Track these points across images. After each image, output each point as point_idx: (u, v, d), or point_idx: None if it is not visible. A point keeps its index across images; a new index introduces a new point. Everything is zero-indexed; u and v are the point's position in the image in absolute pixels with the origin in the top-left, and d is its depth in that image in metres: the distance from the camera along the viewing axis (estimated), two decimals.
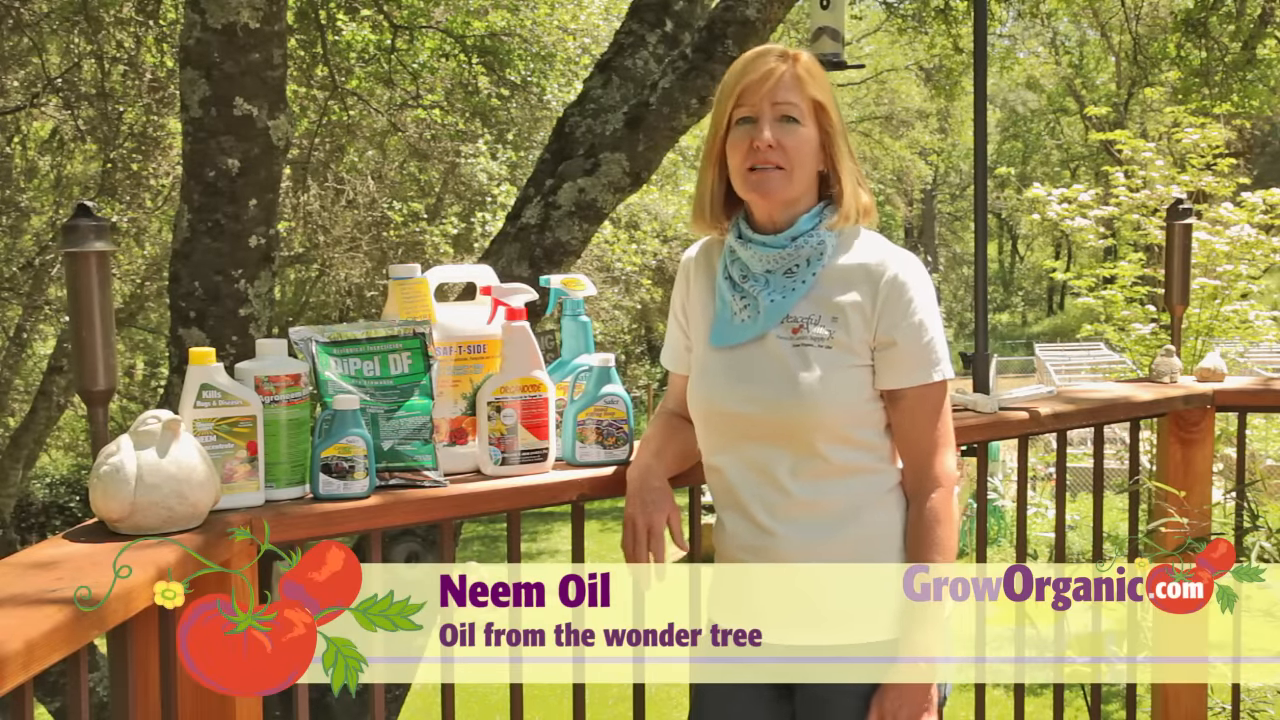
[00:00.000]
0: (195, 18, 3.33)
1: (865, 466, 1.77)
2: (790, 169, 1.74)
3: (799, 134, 1.74)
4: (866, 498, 1.76)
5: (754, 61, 1.76)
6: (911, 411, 1.76)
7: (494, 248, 3.98)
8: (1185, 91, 11.54)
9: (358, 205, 10.76)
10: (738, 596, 1.80)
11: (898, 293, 1.74)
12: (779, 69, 1.75)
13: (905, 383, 1.75)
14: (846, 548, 1.75)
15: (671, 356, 1.94)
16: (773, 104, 1.74)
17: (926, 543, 1.75)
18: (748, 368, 1.76)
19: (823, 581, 1.74)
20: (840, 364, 1.73)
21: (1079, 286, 6.68)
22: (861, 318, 1.74)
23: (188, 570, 1.54)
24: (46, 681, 4.47)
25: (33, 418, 10.09)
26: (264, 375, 1.74)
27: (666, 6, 4.21)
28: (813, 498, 1.74)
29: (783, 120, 1.74)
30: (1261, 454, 9.44)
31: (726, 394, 1.77)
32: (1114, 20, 22.36)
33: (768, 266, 1.77)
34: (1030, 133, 33.12)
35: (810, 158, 1.76)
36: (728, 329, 1.79)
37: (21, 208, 9.42)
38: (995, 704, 2.78)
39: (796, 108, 1.74)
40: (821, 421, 1.72)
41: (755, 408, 1.74)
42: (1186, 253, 2.93)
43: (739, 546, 1.79)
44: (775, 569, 1.76)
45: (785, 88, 1.74)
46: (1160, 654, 2.85)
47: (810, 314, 1.75)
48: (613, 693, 7.33)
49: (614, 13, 10.90)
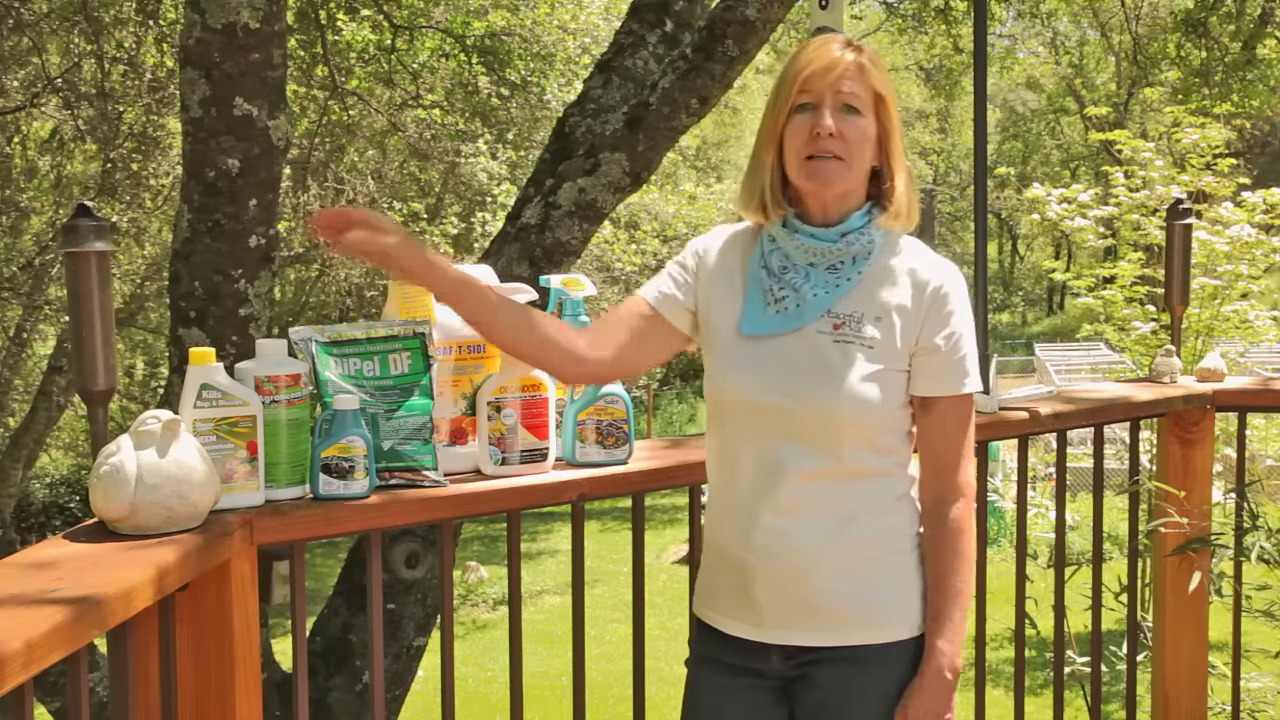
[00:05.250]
0: (195, 18, 3.33)
1: (881, 471, 1.75)
2: (849, 160, 1.71)
3: (859, 125, 1.71)
4: (876, 502, 1.75)
5: (820, 48, 1.73)
6: (942, 420, 1.75)
7: (494, 248, 3.98)
8: (1185, 91, 11.54)
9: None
10: (738, 595, 1.78)
11: (943, 301, 1.74)
12: (844, 58, 1.71)
13: (941, 390, 1.74)
14: (853, 550, 1.73)
15: (656, 294, 1.83)
16: (835, 92, 1.70)
17: (952, 551, 1.75)
18: (785, 360, 1.72)
19: (828, 583, 1.73)
20: (880, 367, 1.71)
21: (1079, 286, 6.68)
22: (905, 321, 1.73)
23: (188, 570, 1.54)
24: (46, 681, 4.47)
25: (33, 418, 10.10)
26: (264, 375, 1.74)
27: (666, 6, 4.21)
28: (824, 499, 1.72)
29: (844, 110, 1.71)
30: (1261, 454, 9.44)
31: (761, 386, 1.72)
32: (1114, 20, 22.37)
33: (811, 259, 1.74)
34: (1030, 133, 33.12)
35: (868, 150, 1.73)
36: (761, 318, 1.75)
37: (21, 208, 9.42)
38: (995, 704, 2.78)
39: (859, 98, 1.71)
40: (856, 421, 1.70)
41: (792, 402, 1.70)
42: (1186, 253, 2.93)
43: (741, 545, 1.76)
44: (780, 569, 1.73)
45: (850, 77, 1.71)
46: (1160, 654, 2.85)
47: (854, 311, 1.73)
48: (613, 693, 7.33)
49: (614, 13, 10.90)
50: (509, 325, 1.74)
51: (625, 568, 10.38)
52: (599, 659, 6.54)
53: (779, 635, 1.76)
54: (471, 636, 10.73)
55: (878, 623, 1.75)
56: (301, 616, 1.81)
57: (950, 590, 1.74)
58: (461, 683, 8.78)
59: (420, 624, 3.88)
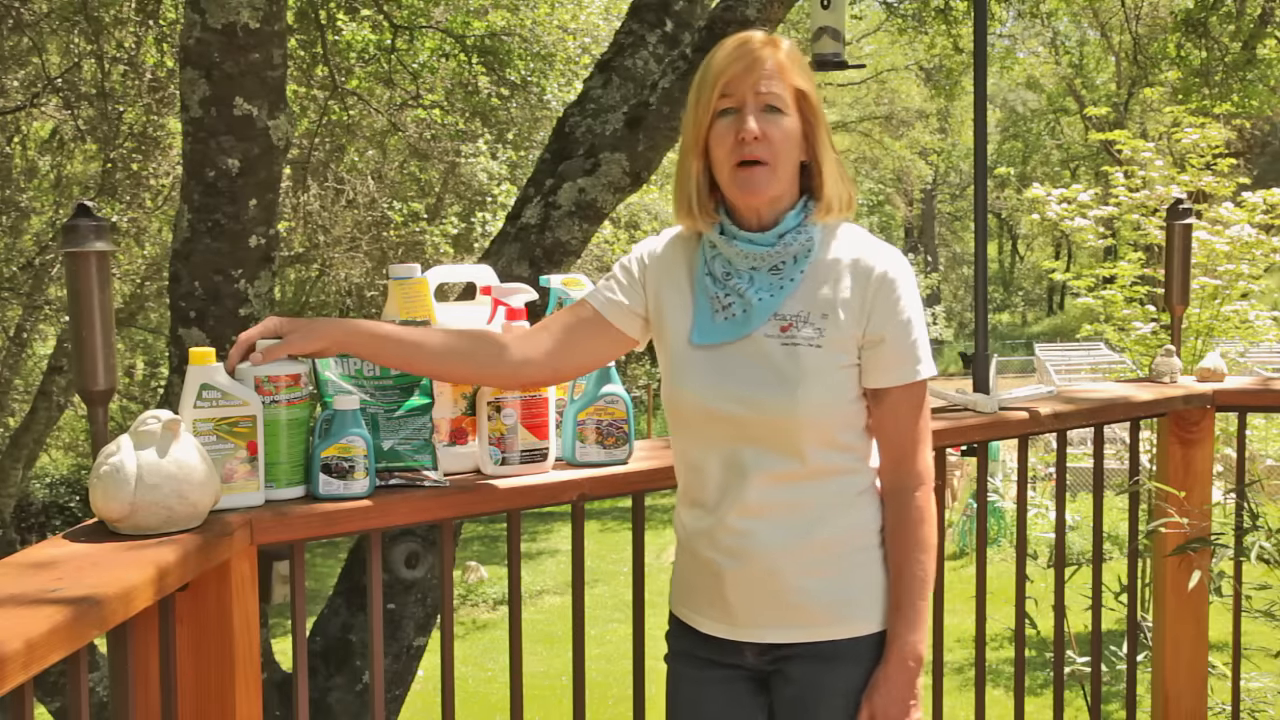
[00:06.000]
0: (195, 18, 3.33)
1: (844, 468, 1.75)
2: (775, 163, 1.70)
3: (783, 125, 1.69)
4: (841, 499, 1.75)
5: (737, 49, 1.72)
6: (895, 409, 1.74)
7: (494, 248, 3.98)
8: (1185, 91, 11.54)
9: (358, 205, 10.76)
10: (710, 594, 1.79)
11: (888, 289, 1.72)
12: (763, 57, 1.69)
13: (892, 381, 1.73)
14: (820, 547, 1.73)
15: (603, 299, 1.82)
16: (756, 94, 1.68)
17: (913, 540, 1.74)
18: (736, 368, 1.72)
19: (797, 581, 1.73)
20: (831, 365, 1.70)
21: (1079, 286, 6.68)
22: (851, 314, 1.71)
23: (188, 570, 1.54)
24: (46, 681, 4.47)
25: (33, 418, 10.10)
26: (264, 375, 1.74)
27: (666, 6, 4.21)
28: (790, 499, 1.72)
29: (767, 110, 1.69)
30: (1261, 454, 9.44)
31: (715, 394, 1.72)
32: (1114, 20, 22.36)
33: (753, 264, 1.73)
34: (1030, 133, 33.13)
35: (794, 149, 1.72)
36: (711, 327, 1.74)
37: (21, 208, 9.42)
38: (995, 704, 2.78)
39: (780, 98, 1.69)
40: (814, 423, 1.70)
41: (745, 409, 1.70)
42: (1186, 253, 2.93)
43: (710, 545, 1.76)
44: (749, 569, 1.74)
45: (769, 76, 1.69)
46: (1160, 654, 2.85)
47: (800, 311, 1.72)
48: (613, 693, 7.33)
49: (614, 13, 10.91)
50: (433, 359, 1.78)
51: (625, 568, 10.40)
52: (599, 659, 6.54)
53: (752, 634, 1.77)
54: (471, 636, 10.73)
55: (847, 618, 1.75)
56: (301, 616, 1.81)
57: (911, 579, 1.74)
58: (461, 683, 8.78)
59: (420, 624, 3.88)
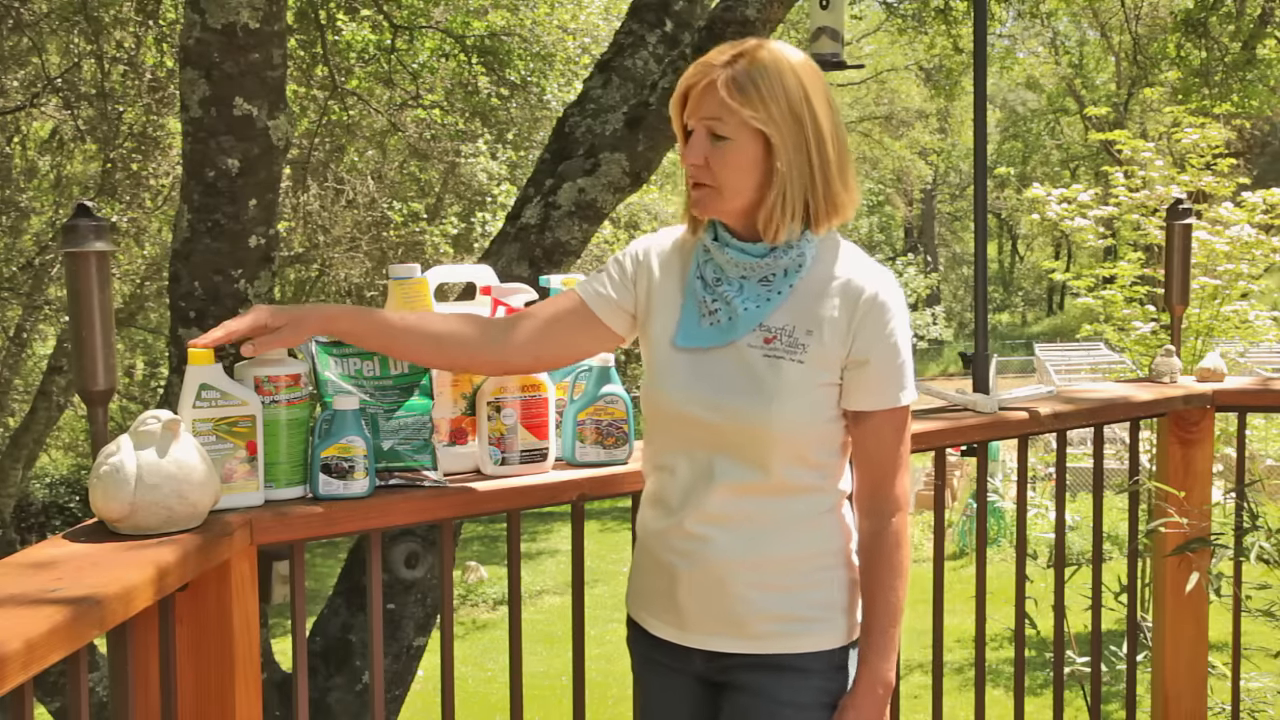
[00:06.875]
0: (195, 18, 3.33)
1: (811, 486, 1.72)
2: (720, 187, 1.66)
3: (725, 153, 1.64)
4: (803, 518, 1.72)
5: (695, 70, 1.68)
6: (877, 433, 1.72)
7: (494, 248, 3.98)
8: (1185, 91, 11.54)
9: (358, 205, 10.76)
10: (664, 599, 1.78)
11: (877, 312, 1.69)
12: (713, 78, 1.64)
13: (875, 405, 1.71)
14: (775, 562, 1.72)
15: (592, 293, 1.80)
16: (703, 119, 1.65)
17: (887, 566, 1.72)
18: (715, 374, 1.70)
19: (747, 592, 1.71)
20: (812, 382, 1.68)
21: (1079, 287, 6.68)
22: (837, 333, 1.69)
23: (188, 570, 1.54)
24: (46, 681, 4.47)
25: (33, 418, 10.11)
26: (264, 375, 1.74)
27: (666, 6, 4.21)
28: (751, 511, 1.70)
29: (711, 137, 1.65)
30: (1261, 454, 9.44)
31: (690, 398, 1.70)
32: (1114, 20, 22.36)
33: (743, 273, 1.71)
34: (1030, 133, 33.12)
35: (743, 173, 1.65)
36: (695, 331, 1.73)
37: (21, 208, 9.42)
38: (995, 704, 2.78)
39: (724, 124, 1.63)
40: (787, 437, 1.67)
41: (719, 416, 1.68)
42: (1186, 253, 2.93)
43: (668, 547, 1.75)
44: (702, 574, 1.72)
45: (716, 103, 1.63)
46: (1160, 654, 2.86)
47: (786, 324, 1.70)
48: (613, 693, 7.34)
49: (614, 13, 10.91)
50: (411, 345, 1.77)
51: (625, 568, 10.35)
52: (599, 659, 6.54)
53: (700, 640, 1.76)
54: (471, 636, 10.73)
55: (796, 634, 1.73)
56: (301, 616, 1.81)
57: (885, 605, 1.72)
58: (461, 683, 8.78)
59: (420, 624, 3.88)
